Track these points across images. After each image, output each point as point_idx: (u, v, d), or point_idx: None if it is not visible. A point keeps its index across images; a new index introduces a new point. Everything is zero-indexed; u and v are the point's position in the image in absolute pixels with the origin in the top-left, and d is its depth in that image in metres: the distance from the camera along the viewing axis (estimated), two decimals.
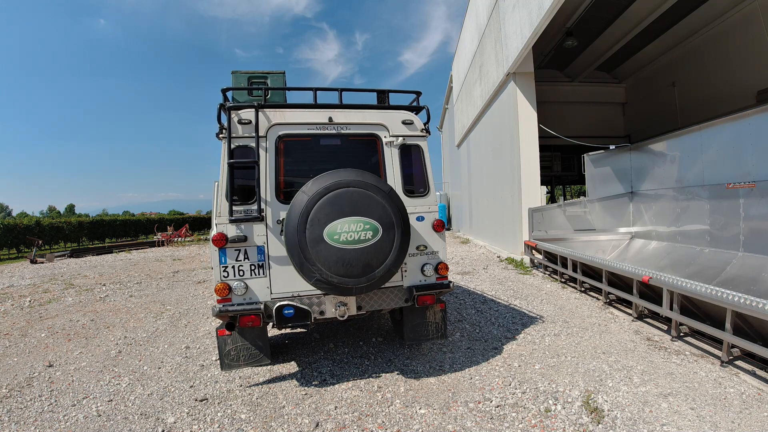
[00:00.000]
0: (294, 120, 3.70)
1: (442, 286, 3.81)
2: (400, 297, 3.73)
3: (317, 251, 3.17)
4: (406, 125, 3.90)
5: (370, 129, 3.85)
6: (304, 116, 3.73)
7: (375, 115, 3.87)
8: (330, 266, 3.19)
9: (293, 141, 3.72)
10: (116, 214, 65.69)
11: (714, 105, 10.68)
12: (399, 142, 3.86)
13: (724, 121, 5.74)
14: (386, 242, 3.28)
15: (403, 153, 3.89)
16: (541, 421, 2.94)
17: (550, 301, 6.20)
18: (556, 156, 16.63)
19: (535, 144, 10.19)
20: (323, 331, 5.19)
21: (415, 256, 3.82)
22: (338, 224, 3.19)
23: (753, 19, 9.74)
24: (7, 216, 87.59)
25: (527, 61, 10.06)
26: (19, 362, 4.59)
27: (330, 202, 3.19)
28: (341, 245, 3.18)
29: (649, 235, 7.80)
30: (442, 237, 3.92)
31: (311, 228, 3.16)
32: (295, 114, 3.72)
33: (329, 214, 3.18)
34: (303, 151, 3.81)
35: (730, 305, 3.52)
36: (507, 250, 11.47)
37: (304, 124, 3.72)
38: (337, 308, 3.58)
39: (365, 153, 3.91)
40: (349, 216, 3.20)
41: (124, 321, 6.18)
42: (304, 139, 3.75)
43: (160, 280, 9.94)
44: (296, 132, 3.71)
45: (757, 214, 5.14)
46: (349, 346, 4.63)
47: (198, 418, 3.19)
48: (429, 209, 3.90)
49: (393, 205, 3.32)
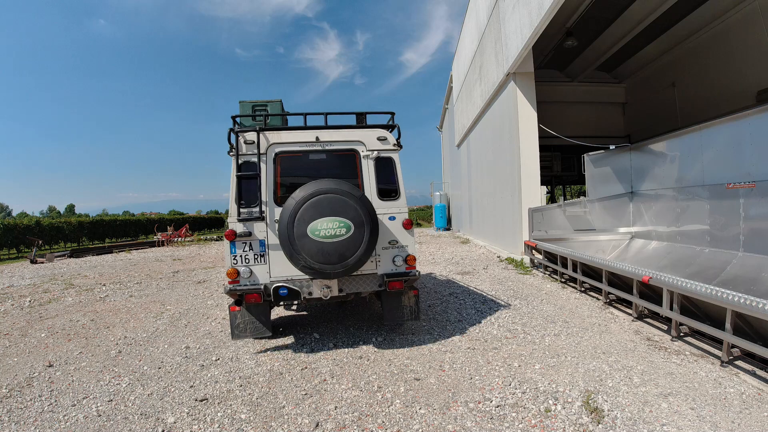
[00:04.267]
0: (288, 140, 4.52)
1: (410, 275, 4.48)
2: (375, 282, 4.46)
3: (302, 244, 3.93)
4: (380, 141, 4.61)
5: (350, 145, 4.59)
6: (296, 136, 4.53)
7: (354, 134, 4.60)
8: (312, 255, 3.94)
9: (287, 156, 4.53)
10: (116, 214, 65.70)
11: (714, 105, 10.67)
12: (374, 155, 4.58)
13: (724, 121, 5.74)
14: (357, 237, 4.00)
15: (377, 164, 4.60)
16: (541, 421, 2.94)
17: (550, 301, 6.20)
18: (556, 156, 16.61)
19: (535, 144, 10.19)
20: (323, 331, 5.20)
21: (388, 249, 4.53)
22: (319, 222, 3.93)
23: (753, 19, 9.73)
24: (7, 216, 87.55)
25: (527, 61, 10.06)
26: (19, 362, 4.59)
27: (313, 205, 3.95)
28: (321, 239, 3.93)
29: (649, 235, 7.80)
30: (411, 234, 4.61)
31: (298, 225, 3.93)
32: (289, 135, 4.54)
33: (312, 214, 3.93)
34: (295, 164, 4.59)
35: (730, 305, 3.52)
36: (507, 250, 11.47)
37: (296, 143, 4.53)
38: (322, 290, 4.34)
39: (346, 165, 4.61)
40: (328, 216, 3.95)
41: (124, 321, 6.18)
42: (296, 155, 4.56)
43: (160, 280, 9.95)
44: (290, 149, 4.52)
45: (757, 214, 5.14)
46: (350, 346, 4.63)
47: (198, 418, 3.19)
48: (400, 211, 4.59)
49: (363, 207, 4.04)
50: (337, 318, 5.81)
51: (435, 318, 5.61)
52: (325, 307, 6.38)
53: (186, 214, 59.67)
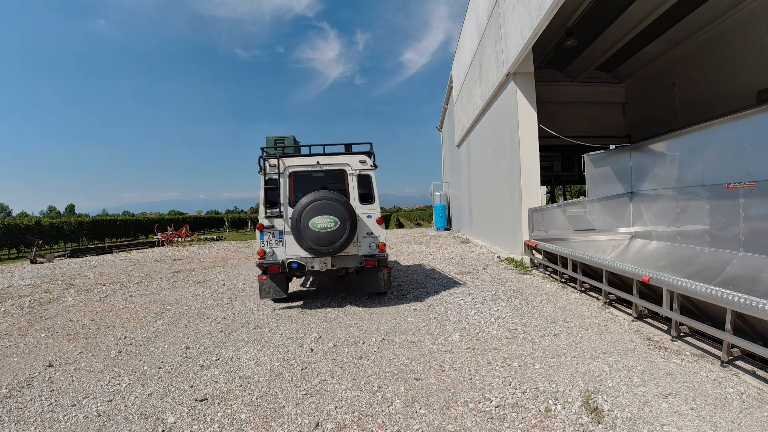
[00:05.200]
0: (298, 163, 6.39)
1: (380, 256, 6.27)
2: (357, 261, 6.25)
3: (306, 233, 5.78)
4: (361, 163, 6.43)
5: (340, 166, 6.42)
6: (303, 161, 6.41)
7: (343, 158, 6.43)
8: (312, 240, 5.79)
9: (297, 174, 6.39)
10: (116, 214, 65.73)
11: (714, 105, 10.67)
12: (357, 173, 6.41)
13: (724, 121, 5.74)
14: (342, 229, 5.80)
15: (359, 179, 6.41)
16: (541, 421, 2.94)
17: (550, 301, 6.20)
18: (556, 156, 16.59)
19: (535, 144, 10.19)
20: (323, 331, 5.20)
21: (366, 238, 6.33)
22: (317, 219, 5.76)
23: (753, 20, 9.73)
24: (7, 216, 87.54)
25: (527, 61, 10.05)
26: (19, 362, 4.59)
27: (312, 208, 5.77)
28: (318, 230, 5.77)
29: (649, 235, 7.80)
30: (383, 228, 6.39)
31: (303, 220, 5.76)
32: (298, 160, 6.42)
33: (312, 213, 5.77)
34: (302, 180, 6.41)
35: (730, 305, 3.52)
36: (507, 250, 11.47)
37: (303, 165, 6.39)
38: (321, 264, 6.14)
39: (337, 180, 6.42)
40: (322, 215, 5.76)
41: (124, 321, 6.18)
42: (303, 173, 6.41)
43: (160, 280, 9.95)
44: (299, 169, 6.38)
45: (757, 214, 5.14)
46: (350, 346, 4.63)
47: (198, 418, 3.19)
48: (374, 212, 6.38)
49: (346, 209, 5.84)
50: (337, 318, 5.82)
51: (435, 318, 5.61)
52: (325, 306, 6.39)
53: (186, 214, 59.66)
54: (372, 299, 6.84)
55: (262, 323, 5.72)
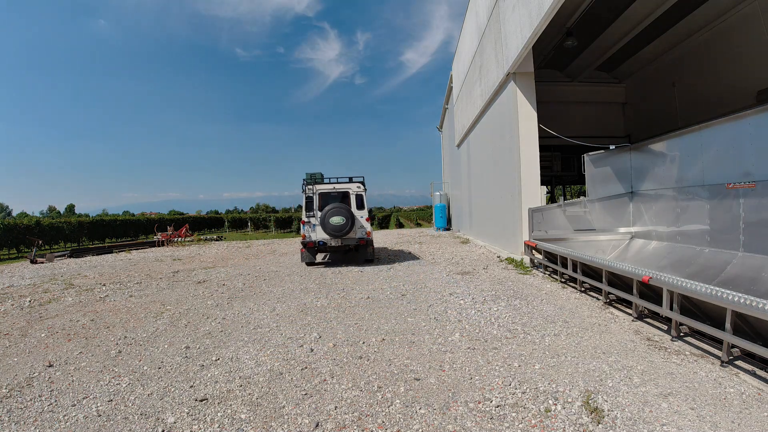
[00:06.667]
0: (323, 188, 10.95)
1: (368, 239, 10.88)
2: (355, 241, 10.69)
3: (327, 225, 10.25)
4: (357, 187, 11.02)
5: (346, 189, 11.01)
6: (326, 186, 10.98)
7: (347, 185, 11.06)
8: (331, 229, 10.26)
9: (323, 194, 10.94)
10: (116, 214, 65.68)
11: (714, 105, 10.67)
12: (355, 193, 10.96)
13: (724, 121, 5.74)
14: (347, 223, 10.26)
15: (356, 196, 10.95)
16: (541, 421, 2.94)
17: (550, 301, 6.20)
18: (556, 156, 16.59)
19: (535, 144, 10.19)
20: (323, 331, 5.20)
21: (360, 228, 10.75)
22: (333, 218, 10.26)
23: (753, 19, 9.73)
24: (7, 216, 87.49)
25: (527, 61, 10.05)
26: (19, 362, 4.59)
27: (331, 212, 10.29)
28: (334, 224, 10.24)
29: (649, 235, 7.80)
30: (370, 224, 10.96)
31: (326, 218, 10.27)
32: (323, 186, 10.99)
33: (331, 215, 10.30)
34: (325, 196, 10.92)
35: (730, 305, 3.52)
36: (507, 251, 11.48)
37: (326, 188, 10.96)
38: (335, 242, 10.52)
39: (345, 197, 10.97)
40: (337, 215, 10.27)
41: (124, 321, 6.18)
42: (326, 193, 10.95)
43: (160, 280, 9.95)
44: (323, 190, 10.94)
45: (757, 214, 5.14)
46: (350, 346, 4.63)
47: (198, 418, 3.19)
48: (365, 214, 10.89)
49: (349, 213, 10.35)
50: (337, 318, 5.82)
51: (435, 318, 5.61)
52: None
53: (186, 214, 59.67)
54: (372, 299, 6.86)
55: (262, 323, 5.72)
